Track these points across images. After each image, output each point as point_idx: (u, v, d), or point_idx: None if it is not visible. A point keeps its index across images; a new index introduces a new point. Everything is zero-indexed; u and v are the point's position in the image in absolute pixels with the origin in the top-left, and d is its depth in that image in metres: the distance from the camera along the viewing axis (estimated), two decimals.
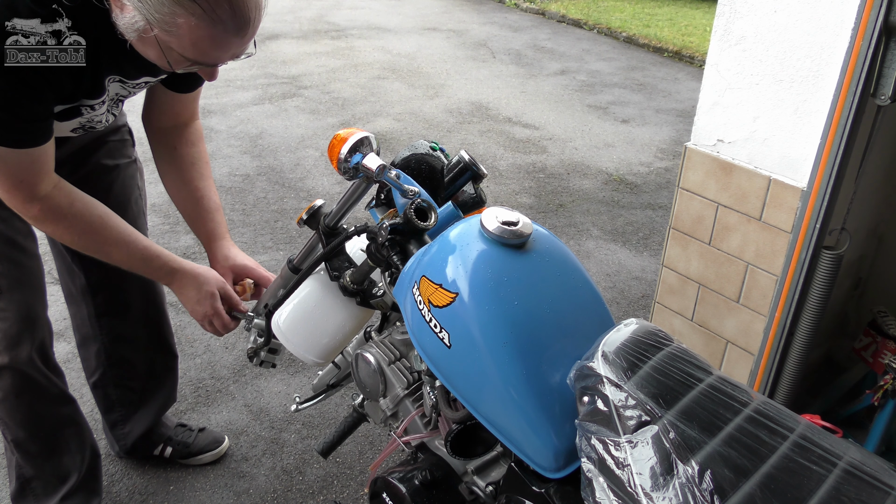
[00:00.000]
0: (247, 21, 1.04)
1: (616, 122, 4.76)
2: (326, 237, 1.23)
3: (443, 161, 1.19)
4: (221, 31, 1.03)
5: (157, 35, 1.04)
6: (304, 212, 1.25)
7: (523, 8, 7.94)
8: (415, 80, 5.41)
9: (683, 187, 1.90)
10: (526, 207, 3.58)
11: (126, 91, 1.35)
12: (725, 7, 1.68)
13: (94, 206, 1.30)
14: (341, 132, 1.12)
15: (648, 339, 0.89)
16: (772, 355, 1.81)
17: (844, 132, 1.52)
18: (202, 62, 1.11)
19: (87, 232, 1.29)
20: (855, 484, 0.74)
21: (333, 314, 1.25)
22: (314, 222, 1.24)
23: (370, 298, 1.21)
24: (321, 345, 1.26)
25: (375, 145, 1.13)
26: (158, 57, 1.10)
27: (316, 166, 3.90)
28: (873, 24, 1.41)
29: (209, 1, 0.99)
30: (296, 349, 1.26)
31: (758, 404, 0.84)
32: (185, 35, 1.03)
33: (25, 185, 1.20)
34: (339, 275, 1.22)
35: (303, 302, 1.27)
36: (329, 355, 1.29)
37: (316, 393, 1.52)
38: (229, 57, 1.11)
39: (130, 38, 1.09)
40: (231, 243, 1.55)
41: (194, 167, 1.53)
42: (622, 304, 2.85)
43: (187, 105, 1.51)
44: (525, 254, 0.97)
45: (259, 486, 1.94)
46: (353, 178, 1.13)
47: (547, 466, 0.89)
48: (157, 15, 1.00)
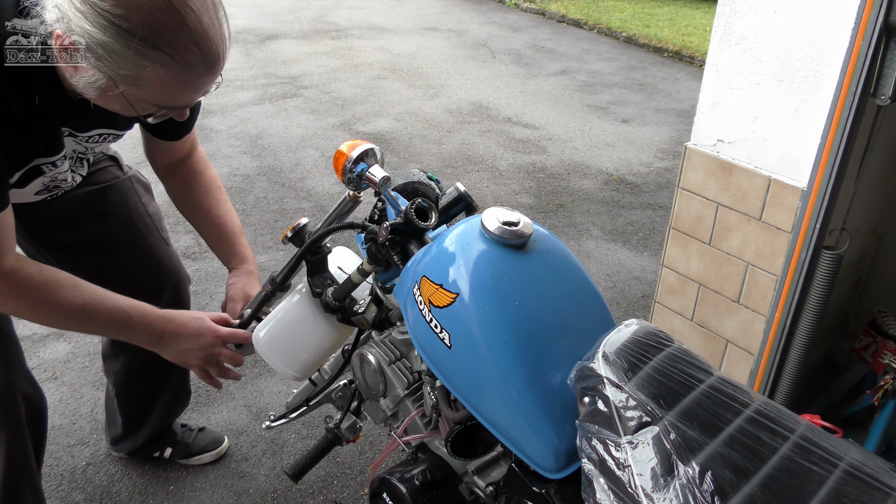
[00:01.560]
0: (216, 58, 1.00)
1: (616, 122, 4.76)
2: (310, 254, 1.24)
3: (437, 191, 1.20)
4: (193, 75, 0.99)
5: (124, 91, 0.99)
6: (288, 229, 1.26)
7: (523, 8, 7.94)
8: (415, 80, 5.41)
9: (683, 187, 1.90)
10: (526, 207, 3.58)
11: (81, 146, 1.29)
12: (725, 7, 1.68)
13: (62, 275, 1.19)
14: (347, 142, 1.14)
15: (649, 340, 0.89)
16: (772, 355, 1.81)
17: (844, 132, 1.52)
18: (173, 106, 1.07)
19: (60, 303, 1.17)
20: (855, 485, 0.74)
21: (313, 330, 1.26)
22: (299, 240, 1.26)
23: (351, 315, 1.22)
24: (300, 360, 1.27)
25: (380, 157, 1.15)
26: (124, 108, 1.05)
27: (316, 166, 3.90)
28: (873, 24, 1.41)
29: (175, 48, 0.94)
30: (274, 363, 1.26)
31: (758, 405, 0.84)
32: (155, 85, 0.98)
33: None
34: (321, 291, 1.24)
35: (284, 317, 1.28)
36: (307, 371, 1.30)
37: (289, 410, 1.54)
38: (200, 95, 1.06)
39: (91, 97, 1.03)
40: (253, 267, 1.52)
41: (209, 195, 1.52)
42: (622, 304, 2.85)
43: (185, 142, 1.49)
44: (526, 254, 0.97)
45: (259, 486, 1.94)
46: (356, 188, 1.15)
47: (547, 467, 0.89)
48: (121, 72, 0.95)
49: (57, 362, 2.37)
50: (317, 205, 3.50)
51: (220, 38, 0.99)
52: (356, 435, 1.51)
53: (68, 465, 2.00)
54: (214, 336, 1.28)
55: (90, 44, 0.93)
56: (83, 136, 1.25)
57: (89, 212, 1.52)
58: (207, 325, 1.28)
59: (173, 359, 1.29)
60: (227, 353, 1.31)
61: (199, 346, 1.27)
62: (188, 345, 1.27)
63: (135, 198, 1.62)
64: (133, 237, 1.60)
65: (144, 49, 0.93)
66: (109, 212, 1.56)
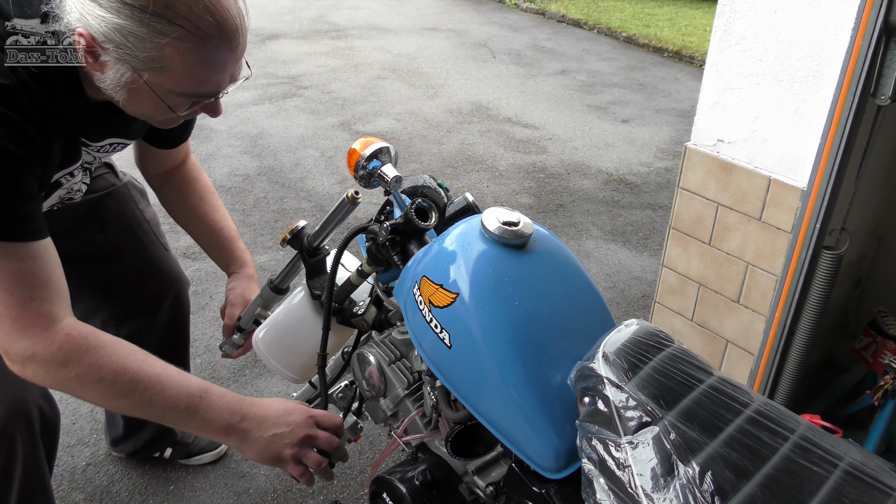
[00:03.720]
0: (234, 30, 0.97)
1: (616, 122, 4.76)
2: (309, 256, 1.24)
3: (444, 199, 1.20)
4: (213, 49, 0.96)
5: (148, 80, 0.97)
6: (287, 232, 1.26)
7: (523, 8, 7.94)
8: (415, 80, 5.41)
9: (683, 187, 1.90)
10: (526, 207, 3.58)
11: (90, 156, 1.24)
12: (725, 7, 1.68)
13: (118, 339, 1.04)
14: (362, 139, 1.14)
15: (649, 340, 0.89)
16: (772, 355, 1.81)
17: (844, 132, 1.52)
18: (202, 93, 1.02)
19: (122, 370, 1.00)
20: (855, 485, 0.74)
21: (313, 332, 1.25)
22: (297, 242, 1.26)
23: (351, 317, 1.22)
24: (300, 362, 1.27)
25: (394, 155, 1.15)
26: (156, 105, 1.01)
27: (316, 166, 3.90)
28: (873, 24, 1.41)
29: (190, 19, 0.92)
30: (274, 366, 1.26)
31: (758, 405, 0.84)
32: (177, 65, 0.95)
33: (36, 304, 0.95)
34: (320, 294, 1.24)
35: (283, 320, 1.28)
36: (307, 373, 1.30)
37: None
38: (227, 80, 1.03)
39: (120, 98, 1.01)
40: (252, 271, 1.50)
41: (204, 201, 1.51)
42: (622, 304, 2.85)
43: (180, 151, 1.49)
44: (526, 254, 0.97)
45: (259, 486, 1.94)
46: (367, 185, 1.14)
47: (547, 467, 0.89)
48: (142, 55, 0.94)
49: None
50: (317, 205, 3.50)
51: (237, 12, 0.97)
52: (357, 435, 1.51)
53: (68, 465, 2.00)
54: (307, 415, 1.10)
55: (107, 32, 0.93)
56: (95, 146, 1.22)
57: (88, 221, 1.51)
58: (295, 403, 1.12)
59: (259, 453, 1.06)
60: (324, 437, 1.11)
61: (289, 426, 1.07)
62: (277, 428, 1.06)
63: (132, 205, 1.61)
64: (132, 244, 1.59)
65: (159, 24, 0.92)
66: (108, 220, 1.55)
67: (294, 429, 1.06)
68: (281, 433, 1.06)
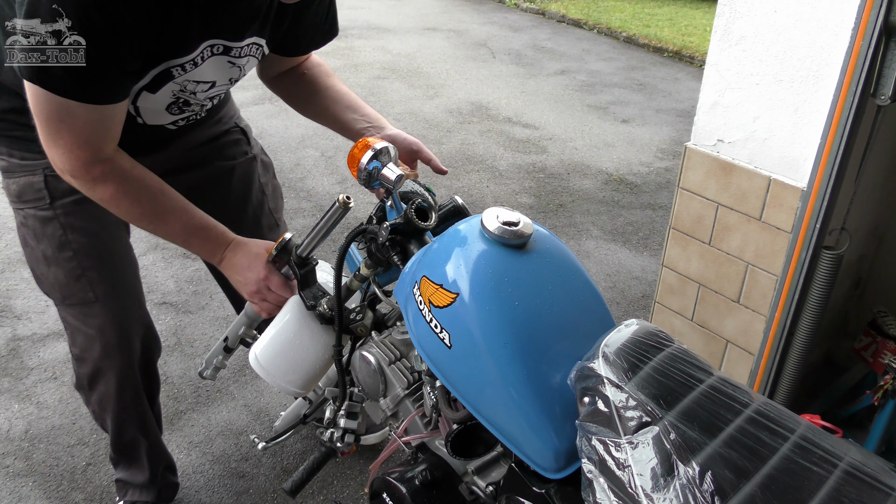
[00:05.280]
0: None
1: (616, 122, 4.76)
2: (299, 267, 1.23)
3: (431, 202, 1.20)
4: None
5: None
6: (273, 247, 1.25)
7: (523, 8, 7.94)
8: (415, 80, 5.41)
9: (683, 187, 1.90)
10: (526, 207, 3.58)
11: (234, 65, 1.29)
12: (725, 7, 1.68)
13: (151, 174, 1.24)
14: (364, 139, 1.14)
15: (649, 340, 0.89)
16: (772, 355, 1.81)
17: (844, 132, 1.52)
18: None
19: (147, 197, 1.22)
20: (855, 485, 0.74)
21: (312, 343, 1.24)
22: (285, 255, 1.24)
23: (349, 324, 1.21)
24: (302, 375, 1.26)
25: (394, 156, 1.14)
26: None
27: (316, 166, 3.90)
28: (873, 24, 1.41)
29: None
30: (276, 382, 1.25)
31: (758, 405, 0.84)
32: None
33: (90, 146, 1.14)
34: (314, 304, 1.22)
35: (279, 334, 1.26)
36: (310, 384, 1.28)
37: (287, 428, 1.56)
38: None
39: None
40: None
41: (331, 77, 1.54)
42: (622, 304, 2.85)
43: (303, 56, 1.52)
44: (526, 254, 0.97)
45: (259, 486, 1.94)
46: (369, 185, 1.14)
47: (547, 467, 0.89)
48: None
49: (57, 362, 2.37)
50: (317, 205, 3.50)
51: None
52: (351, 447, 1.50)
53: (68, 465, 2.00)
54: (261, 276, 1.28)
55: None
56: (237, 47, 1.26)
57: (209, 191, 1.57)
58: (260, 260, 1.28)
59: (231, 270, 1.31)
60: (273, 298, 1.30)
61: (245, 279, 1.28)
62: (239, 275, 1.29)
63: (255, 179, 1.69)
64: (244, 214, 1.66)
65: None
66: (231, 192, 1.63)
67: (248, 283, 1.28)
68: (238, 280, 1.30)
